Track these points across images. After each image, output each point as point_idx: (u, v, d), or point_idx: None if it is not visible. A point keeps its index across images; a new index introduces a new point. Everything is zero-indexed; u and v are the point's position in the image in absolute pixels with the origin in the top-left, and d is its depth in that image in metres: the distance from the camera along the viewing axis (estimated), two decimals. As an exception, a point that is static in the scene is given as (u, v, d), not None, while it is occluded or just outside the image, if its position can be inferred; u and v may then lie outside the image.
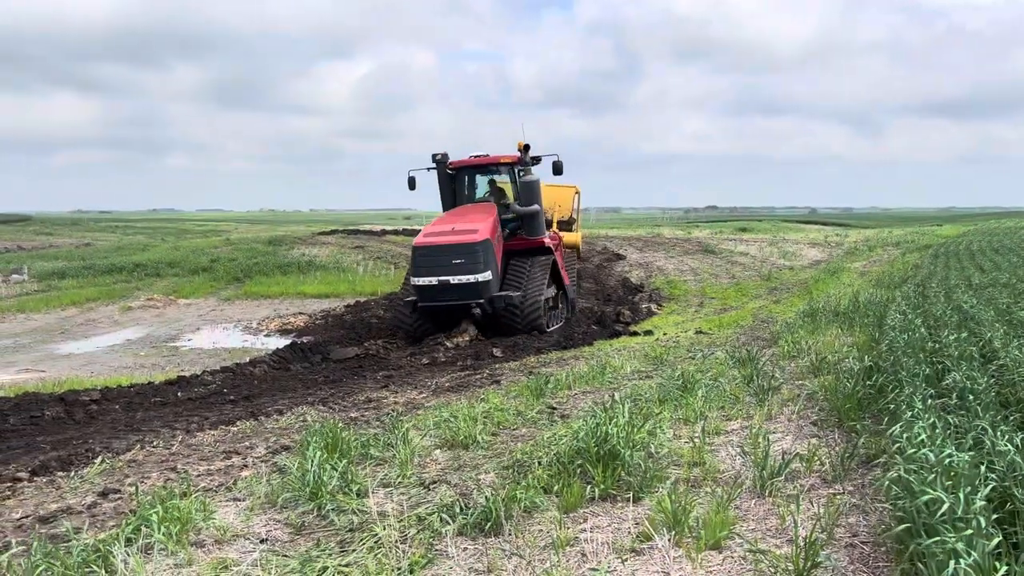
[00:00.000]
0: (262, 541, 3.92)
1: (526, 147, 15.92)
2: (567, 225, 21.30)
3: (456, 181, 16.72)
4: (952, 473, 3.09)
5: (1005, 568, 2.59)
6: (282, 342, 15.44)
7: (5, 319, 20.93)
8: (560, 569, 3.29)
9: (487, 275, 14.16)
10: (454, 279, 14.10)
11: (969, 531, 2.66)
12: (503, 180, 17.11)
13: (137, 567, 3.40)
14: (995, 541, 2.67)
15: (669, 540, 3.48)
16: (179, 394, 10.29)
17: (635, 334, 15.17)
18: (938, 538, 2.66)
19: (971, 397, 4.50)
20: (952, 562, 2.55)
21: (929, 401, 4.44)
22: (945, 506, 2.77)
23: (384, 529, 3.77)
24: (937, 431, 3.72)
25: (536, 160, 16.46)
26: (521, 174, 15.90)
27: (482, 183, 17.04)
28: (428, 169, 16.29)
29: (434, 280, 14.15)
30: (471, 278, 14.09)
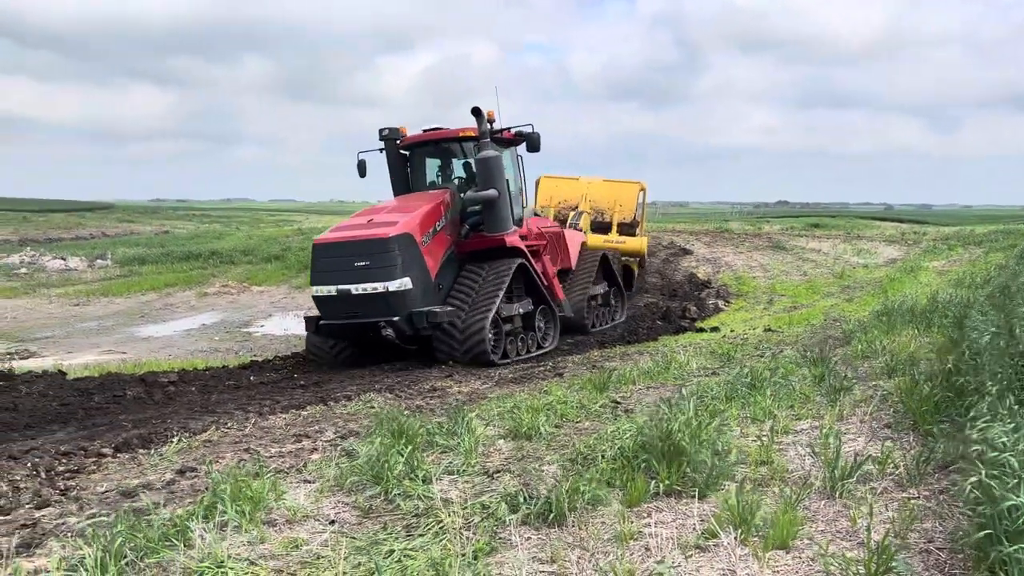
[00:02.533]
0: (331, 522, 4.02)
1: (476, 111, 11.84)
2: (629, 228, 19.61)
3: (410, 162, 13.27)
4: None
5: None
6: (350, 330, 15.71)
7: (90, 302, 21.90)
8: (624, 562, 3.29)
9: (403, 283, 10.59)
10: (356, 288, 10.60)
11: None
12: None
13: (213, 542, 3.53)
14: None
15: (735, 538, 3.43)
16: (252, 378, 10.62)
17: (701, 330, 14.97)
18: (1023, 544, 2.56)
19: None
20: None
21: (1014, 407, 4.27)
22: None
23: (449, 516, 3.83)
24: (1020, 435, 3.57)
25: (517, 137, 12.77)
26: (476, 149, 12.08)
27: (437, 165, 13.52)
28: (380, 151, 13.15)
29: (332, 289, 10.75)
30: (379, 287, 10.54)
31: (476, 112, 11.91)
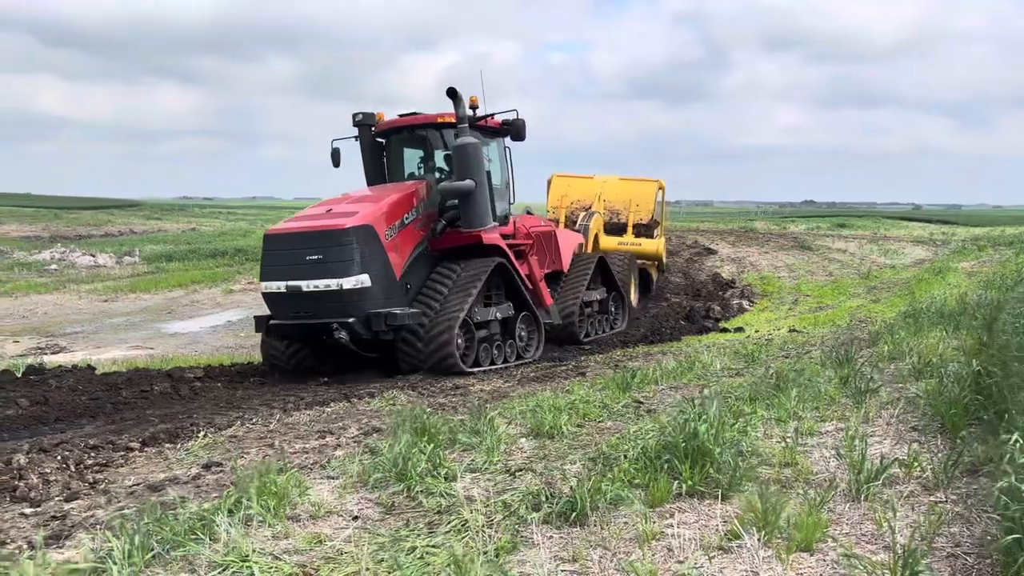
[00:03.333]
0: (354, 518, 4.05)
1: (452, 92, 10.73)
2: (647, 229, 18.78)
3: (386, 151, 12.26)
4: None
5: None
6: (373, 328, 15.77)
7: (118, 299, 22.21)
8: (646, 562, 3.28)
9: (360, 280, 9.58)
10: (308, 285, 9.58)
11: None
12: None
13: (238, 537, 3.57)
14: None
15: (758, 540, 3.41)
16: (276, 375, 10.71)
17: (725, 331, 14.89)
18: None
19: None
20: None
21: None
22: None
23: (471, 513, 3.84)
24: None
25: (504, 126, 11.77)
26: (454, 136, 11.04)
27: (415, 155, 12.35)
28: (355, 138, 12.16)
29: (282, 286, 9.77)
30: (332, 284, 9.52)
31: (452, 94, 10.71)
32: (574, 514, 3.80)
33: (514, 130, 11.68)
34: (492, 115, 11.57)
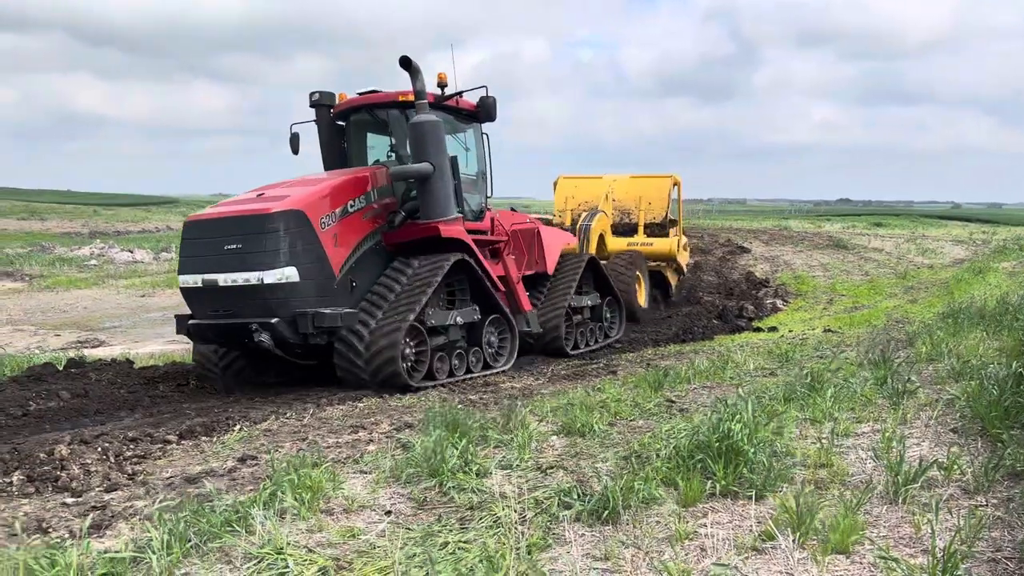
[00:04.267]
0: (387, 513, 4.08)
1: (406, 62, 9.35)
2: (660, 228, 17.66)
3: (347, 135, 10.83)
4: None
5: None
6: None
7: (155, 294, 22.61)
8: (679, 562, 3.26)
9: (284, 274, 8.24)
10: (224, 278, 8.31)
11: None
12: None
13: (273, 529, 3.62)
14: None
15: (793, 541, 3.37)
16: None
17: (759, 330, 14.74)
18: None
19: None
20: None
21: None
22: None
23: (503, 510, 3.85)
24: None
25: (479, 109, 10.58)
26: (411, 113, 9.78)
27: (381, 140, 10.96)
28: (314, 121, 10.85)
29: (198, 280, 8.51)
30: (252, 277, 8.20)
31: (406, 64, 9.30)
32: (606, 512, 3.79)
33: (484, 110, 10.48)
34: (460, 93, 10.29)
